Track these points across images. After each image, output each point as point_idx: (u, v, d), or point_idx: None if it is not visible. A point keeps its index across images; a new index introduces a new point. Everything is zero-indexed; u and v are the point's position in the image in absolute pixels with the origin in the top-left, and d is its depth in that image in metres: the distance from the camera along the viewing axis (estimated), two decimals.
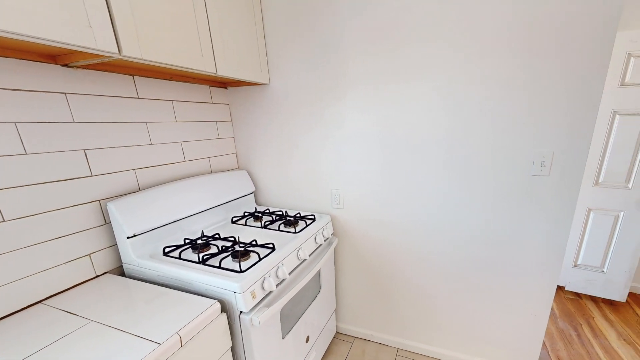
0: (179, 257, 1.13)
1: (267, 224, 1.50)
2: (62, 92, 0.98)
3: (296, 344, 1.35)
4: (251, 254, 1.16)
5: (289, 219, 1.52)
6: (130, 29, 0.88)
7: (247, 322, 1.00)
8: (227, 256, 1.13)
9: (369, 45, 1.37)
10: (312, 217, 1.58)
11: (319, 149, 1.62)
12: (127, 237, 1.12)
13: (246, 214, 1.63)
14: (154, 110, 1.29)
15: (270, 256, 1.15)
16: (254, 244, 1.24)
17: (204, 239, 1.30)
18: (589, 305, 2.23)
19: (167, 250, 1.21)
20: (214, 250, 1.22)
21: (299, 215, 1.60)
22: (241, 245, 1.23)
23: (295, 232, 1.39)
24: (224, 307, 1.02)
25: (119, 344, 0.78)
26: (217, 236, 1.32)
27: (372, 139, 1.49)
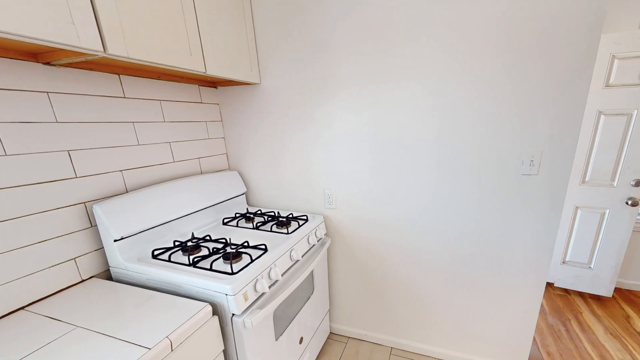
0: (169, 260, 1.11)
1: (259, 225, 1.48)
2: (44, 91, 0.95)
3: (290, 345, 1.34)
4: (243, 256, 1.14)
5: (281, 219, 1.51)
6: (115, 27, 0.86)
7: (240, 325, 0.99)
8: (219, 258, 1.12)
9: (359, 45, 1.37)
10: (304, 217, 1.57)
11: (310, 149, 1.61)
12: (114, 240, 1.09)
13: (238, 215, 1.61)
14: (141, 110, 1.26)
15: (262, 257, 1.13)
16: (246, 245, 1.22)
17: (194, 241, 1.27)
18: (577, 300, 2.28)
19: (156, 253, 1.18)
20: (204, 252, 1.20)
21: (291, 215, 1.58)
22: (233, 246, 1.21)
23: (287, 233, 1.38)
24: (215, 310, 1.00)
25: (106, 349, 0.76)
26: (207, 238, 1.30)
27: (363, 139, 1.49)
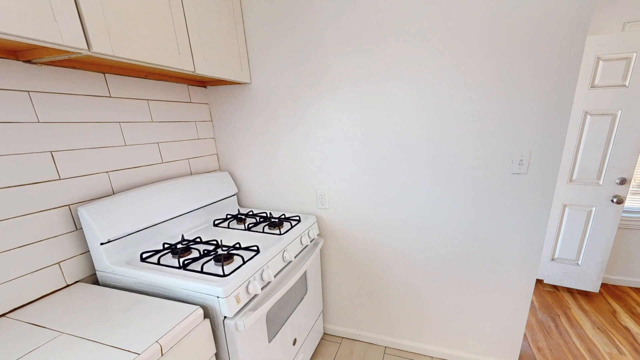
0: (158, 263, 1.09)
1: (250, 226, 1.46)
2: (25, 90, 0.91)
3: (283, 347, 1.32)
4: (235, 257, 1.12)
5: (273, 220, 1.49)
6: (100, 24, 0.83)
7: (232, 327, 0.97)
8: (210, 260, 1.10)
9: (350, 45, 1.36)
10: (297, 218, 1.56)
11: (302, 149, 1.60)
12: (101, 244, 1.06)
13: (229, 217, 1.58)
14: (128, 109, 1.23)
15: (254, 259, 1.12)
16: (238, 247, 1.21)
17: (184, 243, 1.25)
18: (565, 296, 2.32)
19: (144, 255, 1.15)
20: (195, 254, 1.18)
21: (283, 216, 1.57)
22: (224, 248, 1.19)
23: (280, 234, 1.36)
24: (207, 313, 0.98)
25: (94, 356, 0.73)
26: (198, 240, 1.28)
27: (355, 138, 1.49)
